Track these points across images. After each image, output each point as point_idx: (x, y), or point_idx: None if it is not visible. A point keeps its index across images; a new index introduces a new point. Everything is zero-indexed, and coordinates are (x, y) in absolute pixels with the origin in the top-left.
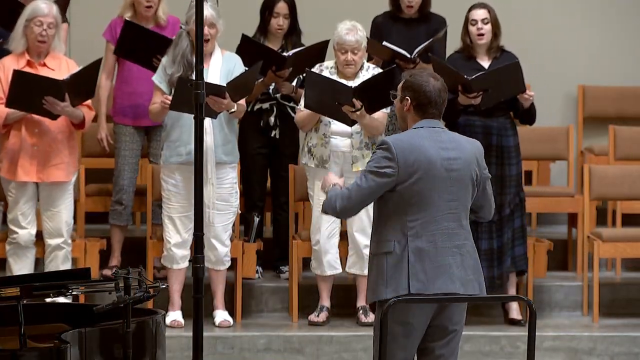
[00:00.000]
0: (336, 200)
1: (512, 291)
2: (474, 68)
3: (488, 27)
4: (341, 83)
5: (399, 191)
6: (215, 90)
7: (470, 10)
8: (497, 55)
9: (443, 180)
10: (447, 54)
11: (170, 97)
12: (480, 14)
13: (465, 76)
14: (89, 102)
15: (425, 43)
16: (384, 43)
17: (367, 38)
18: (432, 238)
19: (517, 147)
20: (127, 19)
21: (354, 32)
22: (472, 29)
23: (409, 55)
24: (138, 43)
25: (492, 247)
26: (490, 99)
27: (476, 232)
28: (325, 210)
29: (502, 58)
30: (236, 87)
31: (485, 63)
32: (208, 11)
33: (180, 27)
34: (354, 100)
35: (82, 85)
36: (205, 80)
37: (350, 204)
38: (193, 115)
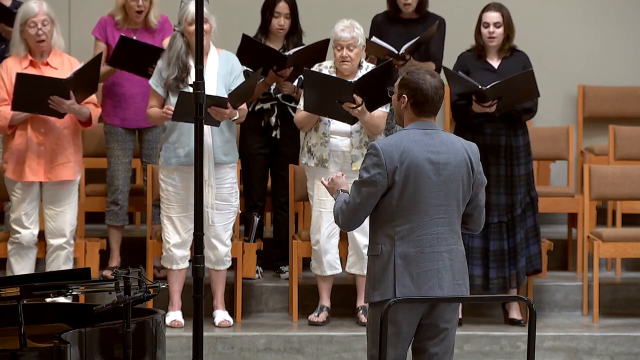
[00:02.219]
0: (338, 215)
1: (512, 291)
2: (484, 67)
3: (500, 30)
4: (341, 79)
5: (387, 196)
6: (217, 101)
7: (483, 11)
8: (507, 55)
9: (431, 185)
10: (455, 54)
11: (172, 108)
12: (493, 17)
13: (480, 86)
14: (94, 99)
15: (414, 40)
16: (373, 39)
17: None
18: (419, 243)
19: (526, 146)
20: (118, 21)
21: (350, 29)
22: (484, 31)
23: (396, 52)
24: (133, 55)
25: (502, 248)
26: (504, 105)
27: (486, 232)
28: (335, 220)
29: (513, 58)
30: (237, 96)
31: (495, 63)
32: None
33: (175, 29)
34: (354, 96)
35: (85, 81)
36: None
37: (350, 217)
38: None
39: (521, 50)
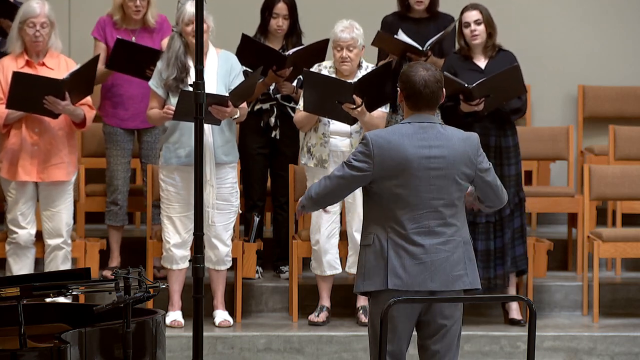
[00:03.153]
0: (311, 188)
1: (512, 291)
2: (471, 68)
3: (481, 27)
4: (341, 80)
5: (377, 189)
6: (218, 100)
7: (462, 12)
8: (493, 54)
9: (422, 180)
10: None
11: (172, 108)
12: (472, 15)
13: (466, 84)
14: (89, 101)
15: (437, 36)
16: (397, 35)
17: (379, 31)
18: (411, 235)
19: (516, 147)
20: (116, 21)
21: (349, 30)
22: (466, 31)
23: (421, 48)
24: (131, 57)
25: (489, 248)
26: (491, 103)
27: (473, 232)
28: (303, 204)
29: (499, 57)
30: (238, 95)
31: (482, 63)
32: (193, 8)
33: (173, 30)
34: (354, 96)
35: (81, 83)
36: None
37: (325, 190)
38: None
39: (508, 50)
